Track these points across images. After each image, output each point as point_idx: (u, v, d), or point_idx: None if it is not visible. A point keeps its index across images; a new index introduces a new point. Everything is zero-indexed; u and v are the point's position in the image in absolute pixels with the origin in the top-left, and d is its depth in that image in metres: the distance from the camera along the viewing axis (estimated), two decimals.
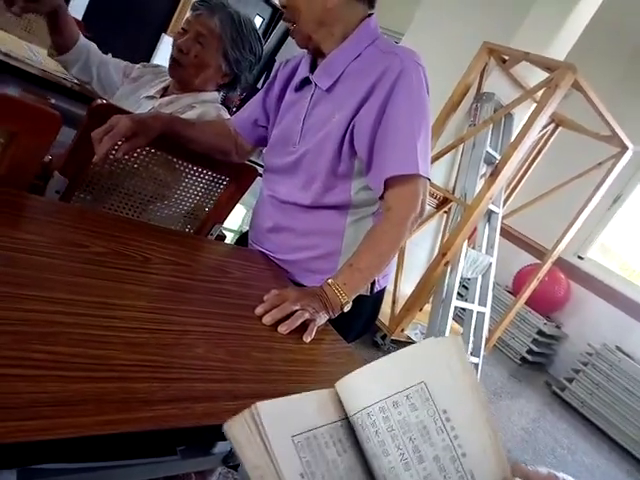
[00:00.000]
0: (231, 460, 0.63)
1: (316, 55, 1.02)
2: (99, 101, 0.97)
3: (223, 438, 0.50)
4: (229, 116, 1.34)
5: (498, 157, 2.84)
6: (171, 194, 1.21)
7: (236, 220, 3.80)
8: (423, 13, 3.37)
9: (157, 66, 1.49)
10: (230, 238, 3.42)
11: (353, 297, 0.90)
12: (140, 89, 1.43)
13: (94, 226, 0.78)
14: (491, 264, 2.93)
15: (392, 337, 2.83)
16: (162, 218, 1.24)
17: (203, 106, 1.31)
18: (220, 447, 0.60)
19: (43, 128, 0.73)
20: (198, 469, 0.62)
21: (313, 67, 1.03)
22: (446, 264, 2.72)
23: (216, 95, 1.39)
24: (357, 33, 0.97)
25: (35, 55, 1.59)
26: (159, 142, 1.00)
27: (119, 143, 0.90)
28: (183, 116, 1.26)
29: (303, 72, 1.03)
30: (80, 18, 4.76)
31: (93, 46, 1.45)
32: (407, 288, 2.90)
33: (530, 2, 2.86)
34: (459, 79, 2.85)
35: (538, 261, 3.55)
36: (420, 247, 3.22)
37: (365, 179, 0.98)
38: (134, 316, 0.61)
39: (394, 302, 2.88)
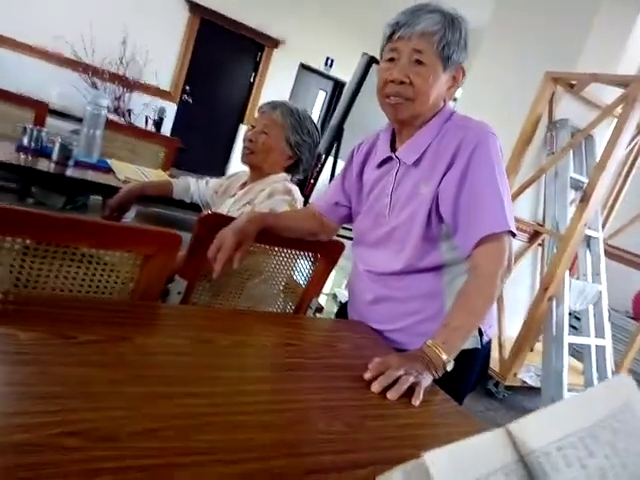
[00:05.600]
0: None
1: (401, 128, 1.09)
2: (205, 212, 1.14)
3: None
4: (297, 188, 1.50)
5: (585, 181, 2.73)
6: (270, 276, 1.36)
7: (328, 282, 3.93)
8: (480, 63, 3.42)
9: (237, 173, 1.73)
10: (324, 300, 3.54)
11: (454, 355, 0.93)
12: (227, 194, 1.64)
13: (217, 322, 0.91)
14: (601, 292, 2.74)
15: (506, 383, 2.70)
16: (264, 297, 1.39)
17: (271, 186, 1.47)
18: None
19: (169, 248, 0.90)
20: None
21: (391, 144, 1.13)
22: (550, 299, 2.60)
23: (283, 175, 1.55)
24: (440, 114, 1.07)
25: (146, 176, 1.88)
26: (257, 237, 1.15)
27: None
28: (257, 199, 1.43)
29: (384, 151, 1.13)
30: (170, 129, 5.46)
31: (191, 185, 1.75)
32: (512, 330, 2.78)
33: (589, 25, 2.83)
34: (526, 113, 2.83)
35: None
36: (519, 285, 3.10)
37: (453, 240, 1.04)
38: (263, 400, 0.71)
39: (501, 346, 2.77)
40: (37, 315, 0.74)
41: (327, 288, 3.86)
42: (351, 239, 1.24)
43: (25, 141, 1.81)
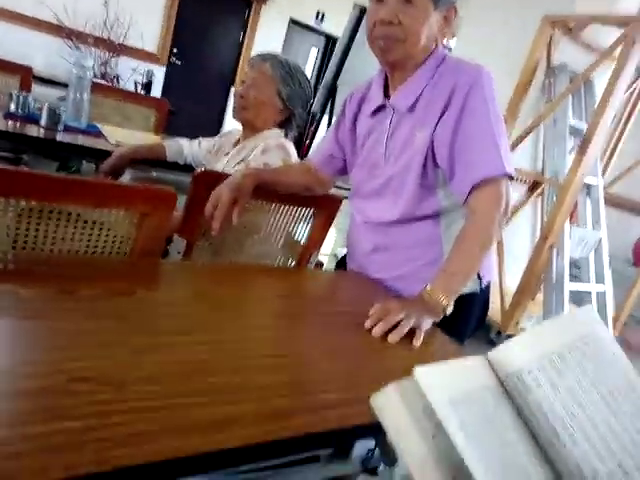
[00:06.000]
0: (368, 463, 0.71)
1: (393, 71, 1.06)
2: (199, 170, 1.13)
3: (361, 437, 0.58)
4: (291, 144, 1.47)
5: (585, 127, 2.69)
6: (269, 233, 1.36)
7: (329, 243, 3.94)
8: (473, 8, 3.30)
9: (230, 131, 1.69)
10: (326, 260, 3.57)
11: (453, 299, 0.94)
12: (221, 153, 1.61)
13: (216, 277, 0.92)
14: (601, 239, 2.75)
15: (507, 332, 2.75)
16: (264, 254, 1.39)
17: (265, 141, 1.44)
18: (358, 451, 0.68)
19: (165, 205, 0.89)
20: (339, 474, 0.70)
21: (384, 91, 1.09)
22: (550, 248, 2.61)
23: (277, 131, 1.51)
24: (432, 57, 1.03)
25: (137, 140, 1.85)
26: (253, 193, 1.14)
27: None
28: (252, 156, 1.41)
29: (377, 99, 1.09)
30: (159, 94, 5.35)
31: (184, 146, 1.72)
32: (513, 280, 2.81)
33: None
34: (523, 60, 2.76)
35: None
36: (519, 235, 3.11)
37: (449, 186, 1.03)
38: (264, 346, 0.72)
39: (502, 296, 2.80)
40: (37, 273, 0.74)
41: (328, 249, 3.87)
42: (347, 198, 1.23)
43: (12, 107, 1.78)
